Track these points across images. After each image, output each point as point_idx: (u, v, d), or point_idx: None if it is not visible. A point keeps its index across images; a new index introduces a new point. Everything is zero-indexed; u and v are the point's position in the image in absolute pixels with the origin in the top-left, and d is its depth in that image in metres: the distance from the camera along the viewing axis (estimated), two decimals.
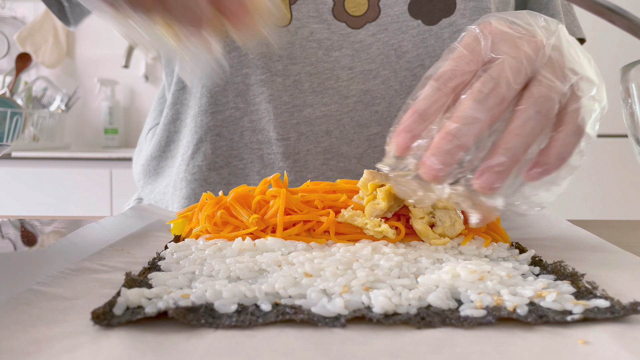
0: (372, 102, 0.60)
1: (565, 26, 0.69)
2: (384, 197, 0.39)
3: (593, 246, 0.41)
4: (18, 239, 0.50)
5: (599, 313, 0.25)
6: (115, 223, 0.47)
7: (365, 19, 0.59)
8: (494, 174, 0.33)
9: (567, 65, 0.35)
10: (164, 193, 0.71)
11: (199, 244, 0.39)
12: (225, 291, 0.27)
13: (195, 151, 0.65)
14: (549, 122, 0.34)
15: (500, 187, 0.33)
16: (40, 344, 0.23)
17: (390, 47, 0.60)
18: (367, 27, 0.60)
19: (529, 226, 0.50)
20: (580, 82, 0.35)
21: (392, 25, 0.59)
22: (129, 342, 0.23)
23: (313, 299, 0.27)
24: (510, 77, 0.34)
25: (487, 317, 0.25)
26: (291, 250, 0.37)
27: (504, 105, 0.34)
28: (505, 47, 0.35)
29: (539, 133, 0.34)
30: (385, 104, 0.60)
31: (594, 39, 1.02)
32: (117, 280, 0.32)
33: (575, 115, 0.34)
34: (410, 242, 0.39)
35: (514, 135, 0.33)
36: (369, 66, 0.60)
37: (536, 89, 0.34)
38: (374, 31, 0.60)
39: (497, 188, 0.33)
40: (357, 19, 0.59)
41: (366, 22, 0.59)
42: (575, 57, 0.36)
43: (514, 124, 0.33)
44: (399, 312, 0.26)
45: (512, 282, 0.30)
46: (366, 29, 0.60)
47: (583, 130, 0.35)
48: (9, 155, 1.79)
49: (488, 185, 0.33)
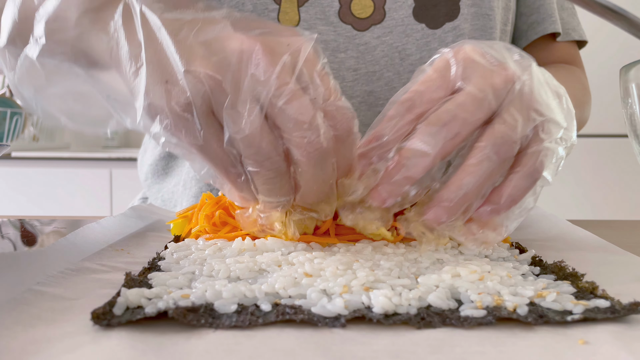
0: (376, 102, 0.61)
1: (569, 29, 0.69)
2: None
3: (593, 246, 0.41)
4: (18, 239, 0.50)
5: (599, 313, 0.25)
6: (115, 223, 0.47)
7: (370, 21, 0.60)
8: (443, 209, 0.33)
9: (534, 106, 0.34)
10: (173, 192, 0.71)
11: (198, 244, 0.39)
12: (225, 291, 0.27)
13: None
14: (506, 164, 0.34)
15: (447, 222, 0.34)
16: (40, 344, 0.23)
17: (395, 50, 0.60)
18: (372, 30, 0.60)
19: (529, 226, 0.50)
20: (546, 123, 0.34)
21: (397, 29, 0.60)
22: (129, 342, 0.23)
23: (313, 299, 0.27)
24: (469, 113, 0.33)
25: (487, 317, 0.25)
26: (291, 250, 0.37)
27: (458, 140, 0.33)
28: (475, 76, 0.34)
29: (494, 174, 0.34)
30: None
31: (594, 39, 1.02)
32: (117, 280, 0.32)
33: (534, 158, 0.34)
34: (411, 242, 0.39)
35: (468, 173, 0.33)
36: (373, 68, 0.60)
37: (498, 128, 0.33)
38: (379, 34, 0.60)
39: (444, 222, 0.34)
40: (363, 22, 0.60)
41: (371, 24, 0.60)
42: (545, 97, 0.35)
43: (470, 161, 0.33)
44: (399, 312, 0.26)
45: (512, 282, 0.30)
46: (371, 31, 0.60)
47: (540, 174, 0.34)
48: (9, 155, 1.80)
49: (435, 220, 0.34)
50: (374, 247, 0.37)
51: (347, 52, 0.60)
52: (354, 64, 0.60)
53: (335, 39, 0.60)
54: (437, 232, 0.39)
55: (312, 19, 0.60)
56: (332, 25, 0.60)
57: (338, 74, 0.61)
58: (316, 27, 0.60)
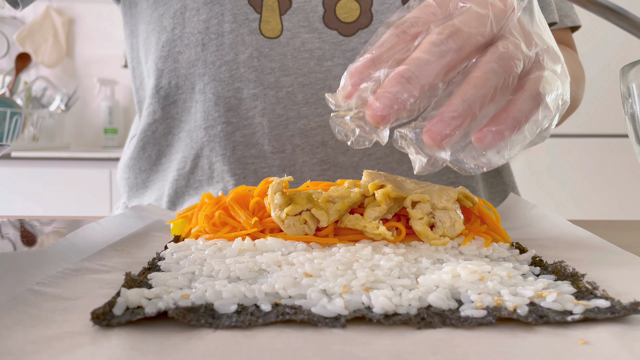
0: None
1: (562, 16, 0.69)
2: (381, 199, 0.39)
3: (593, 246, 0.41)
4: (18, 239, 0.50)
5: (599, 313, 0.25)
6: (115, 223, 0.46)
7: (357, 25, 0.58)
8: (445, 122, 0.32)
9: (536, 31, 0.34)
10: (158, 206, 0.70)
11: (198, 244, 0.39)
12: (225, 291, 0.27)
13: (194, 167, 0.65)
14: (510, 82, 0.33)
15: (449, 138, 0.32)
16: (39, 344, 0.23)
17: None
18: (359, 34, 0.58)
19: (529, 226, 0.50)
20: (545, 53, 0.34)
21: None
22: (129, 343, 0.23)
23: (313, 299, 0.27)
24: (472, 25, 0.32)
25: (488, 318, 0.25)
26: (291, 251, 0.37)
27: (462, 53, 0.32)
28: (473, 2, 0.33)
29: (497, 89, 0.32)
30: None
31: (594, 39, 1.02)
32: (117, 280, 0.32)
33: (537, 82, 0.33)
34: (411, 242, 0.39)
35: (472, 86, 0.32)
36: None
37: (502, 44, 0.32)
38: (366, 38, 0.58)
39: (446, 136, 0.32)
40: (349, 26, 0.58)
41: (358, 29, 0.58)
42: (543, 27, 0.35)
43: (474, 74, 0.32)
44: (399, 312, 0.26)
45: (512, 282, 0.30)
46: (358, 36, 0.58)
47: (542, 99, 0.33)
48: (9, 155, 1.79)
49: (438, 133, 0.32)
50: (374, 247, 0.37)
51: (333, 59, 0.58)
52: (341, 71, 0.58)
53: (321, 46, 0.58)
54: (438, 231, 0.39)
55: (295, 28, 0.58)
56: (316, 32, 0.58)
57: (325, 83, 0.59)
58: (300, 36, 0.58)
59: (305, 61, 0.58)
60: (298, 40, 0.58)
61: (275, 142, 0.60)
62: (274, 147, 0.60)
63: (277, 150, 0.60)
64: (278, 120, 0.59)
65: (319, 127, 0.59)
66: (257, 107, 0.59)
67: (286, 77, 0.59)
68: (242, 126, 0.61)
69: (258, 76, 0.59)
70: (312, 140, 0.60)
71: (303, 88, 0.59)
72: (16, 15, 2.26)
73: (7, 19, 2.27)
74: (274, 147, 0.60)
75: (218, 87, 0.60)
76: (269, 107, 0.59)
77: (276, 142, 0.60)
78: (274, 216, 0.39)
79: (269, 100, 0.59)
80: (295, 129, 0.59)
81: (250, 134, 0.61)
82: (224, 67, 0.59)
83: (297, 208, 0.39)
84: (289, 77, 0.59)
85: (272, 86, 0.59)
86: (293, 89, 0.59)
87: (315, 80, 0.59)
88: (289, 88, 0.59)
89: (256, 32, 0.58)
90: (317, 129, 0.59)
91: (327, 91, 0.59)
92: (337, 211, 0.39)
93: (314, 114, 0.59)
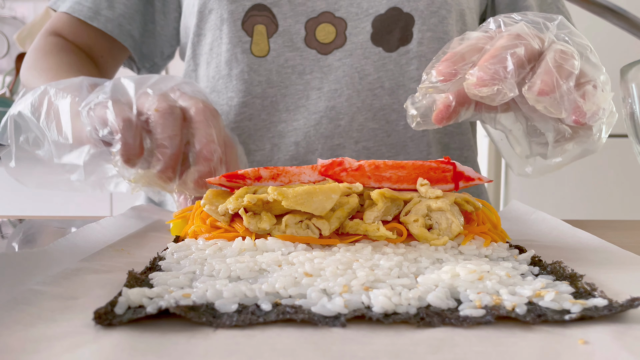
0: (337, 117, 0.69)
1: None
2: (377, 198, 0.39)
3: (593, 246, 0.41)
4: (18, 239, 0.50)
5: (597, 311, 0.25)
6: (115, 223, 0.47)
7: (333, 45, 0.69)
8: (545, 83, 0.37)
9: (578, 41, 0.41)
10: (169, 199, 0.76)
11: (199, 244, 0.39)
12: (226, 291, 0.27)
13: None
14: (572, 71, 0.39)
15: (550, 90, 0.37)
16: (40, 343, 0.23)
17: (355, 70, 0.68)
18: (334, 53, 0.69)
19: (529, 228, 0.50)
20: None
21: (357, 52, 0.68)
22: (130, 342, 0.23)
23: (313, 299, 0.27)
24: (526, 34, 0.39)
25: (486, 317, 0.25)
26: (291, 250, 0.37)
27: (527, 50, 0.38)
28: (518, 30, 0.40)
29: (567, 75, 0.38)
30: (347, 118, 0.69)
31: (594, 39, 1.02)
32: (117, 280, 0.32)
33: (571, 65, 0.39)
34: (410, 242, 0.39)
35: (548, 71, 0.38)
36: (335, 86, 0.68)
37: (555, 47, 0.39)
38: (340, 56, 0.69)
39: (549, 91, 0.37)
40: (326, 46, 0.69)
41: (334, 48, 0.69)
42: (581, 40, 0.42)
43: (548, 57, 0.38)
44: (398, 311, 0.26)
45: (511, 281, 0.30)
46: (334, 54, 0.69)
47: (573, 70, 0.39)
48: None
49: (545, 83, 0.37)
50: (374, 247, 0.37)
51: (312, 73, 0.69)
52: (318, 83, 0.69)
53: (302, 62, 0.69)
54: (435, 233, 0.39)
55: (280, 48, 0.69)
56: (298, 50, 0.69)
57: (304, 93, 0.69)
58: (284, 55, 0.69)
59: (287, 75, 0.69)
60: (282, 58, 0.69)
61: (258, 142, 0.71)
62: (257, 145, 0.71)
63: (259, 148, 0.71)
64: (262, 124, 0.70)
65: (294, 129, 0.70)
66: (245, 113, 0.70)
67: (271, 88, 0.70)
68: (232, 128, 0.72)
69: (247, 87, 0.70)
70: (287, 141, 0.70)
71: (284, 98, 0.70)
72: (16, 15, 2.26)
73: (7, 19, 2.26)
74: (256, 145, 0.71)
75: (215, 97, 0.73)
76: (255, 114, 0.70)
77: (259, 142, 0.71)
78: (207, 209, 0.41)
79: (256, 107, 0.70)
80: (275, 131, 0.71)
81: (237, 135, 0.71)
82: (221, 81, 0.71)
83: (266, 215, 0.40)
84: (273, 88, 0.70)
85: (259, 96, 0.70)
86: (276, 98, 0.70)
87: (295, 91, 0.70)
88: (272, 98, 0.70)
89: (247, 52, 0.69)
90: (292, 132, 0.70)
91: (305, 100, 0.69)
92: (337, 219, 0.39)
93: (292, 119, 0.70)
